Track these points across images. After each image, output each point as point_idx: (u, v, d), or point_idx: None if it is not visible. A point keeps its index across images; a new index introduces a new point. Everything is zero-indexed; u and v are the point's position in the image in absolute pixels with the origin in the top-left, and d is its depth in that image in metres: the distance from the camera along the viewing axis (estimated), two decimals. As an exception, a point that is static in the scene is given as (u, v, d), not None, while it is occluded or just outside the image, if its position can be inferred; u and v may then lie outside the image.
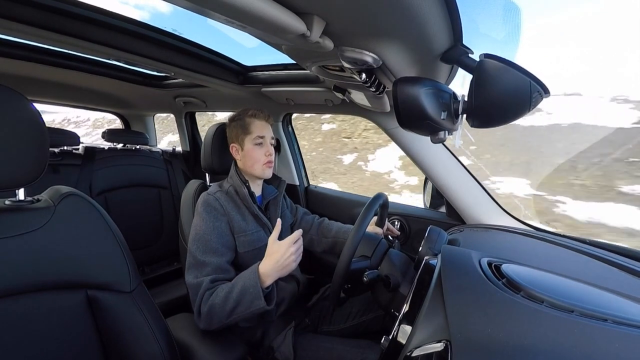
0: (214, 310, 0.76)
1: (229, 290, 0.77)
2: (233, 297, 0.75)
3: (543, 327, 0.39)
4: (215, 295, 0.77)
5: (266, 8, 0.47)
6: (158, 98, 1.93)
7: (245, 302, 0.75)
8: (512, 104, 0.51)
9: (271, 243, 0.79)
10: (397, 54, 0.63)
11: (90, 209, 0.63)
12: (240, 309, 0.75)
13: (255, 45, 1.08)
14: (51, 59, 1.29)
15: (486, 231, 0.97)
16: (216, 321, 0.77)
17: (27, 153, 0.53)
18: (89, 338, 0.61)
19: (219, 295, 0.77)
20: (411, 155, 1.12)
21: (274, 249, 0.78)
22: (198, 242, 0.86)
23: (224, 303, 0.75)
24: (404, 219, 1.28)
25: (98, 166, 1.65)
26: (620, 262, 0.69)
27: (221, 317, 0.76)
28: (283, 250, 0.76)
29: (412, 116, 0.58)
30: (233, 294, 0.76)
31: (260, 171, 0.98)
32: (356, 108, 1.18)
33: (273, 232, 0.80)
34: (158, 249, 1.81)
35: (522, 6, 0.58)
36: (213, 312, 0.76)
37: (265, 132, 0.98)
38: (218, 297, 0.77)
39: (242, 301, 0.75)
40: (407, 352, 0.46)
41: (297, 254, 0.77)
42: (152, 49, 1.01)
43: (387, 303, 0.72)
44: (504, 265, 0.53)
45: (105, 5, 0.84)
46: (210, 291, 0.79)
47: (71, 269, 0.58)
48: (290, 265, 0.76)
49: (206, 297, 0.78)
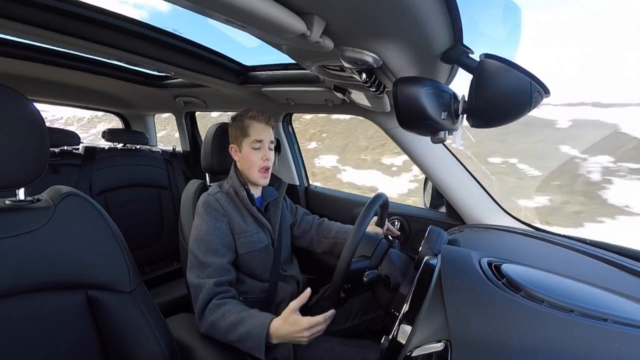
0: (215, 330, 0.77)
1: (235, 323, 0.75)
2: (236, 334, 0.74)
3: (543, 327, 0.39)
4: (221, 316, 0.77)
5: (266, 8, 0.47)
6: (158, 98, 1.93)
7: (245, 344, 0.74)
8: (512, 104, 0.52)
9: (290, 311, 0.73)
10: (397, 54, 0.63)
11: (90, 209, 0.63)
12: (239, 345, 0.75)
13: (255, 45, 1.09)
14: (51, 59, 1.28)
15: (486, 231, 0.97)
16: (216, 337, 0.79)
17: (27, 153, 0.53)
18: (89, 338, 0.61)
19: (225, 320, 0.76)
20: (411, 155, 1.12)
21: (292, 320, 0.72)
22: (199, 243, 0.86)
23: (226, 332, 0.76)
24: (404, 219, 1.28)
25: (98, 166, 1.65)
26: (620, 262, 0.69)
27: (221, 338, 0.78)
28: (299, 329, 0.71)
29: (412, 116, 0.58)
30: (237, 330, 0.75)
31: (256, 177, 0.97)
32: (356, 108, 1.18)
33: (297, 300, 0.74)
34: (158, 249, 1.81)
35: (522, 6, 0.58)
36: (214, 330, 0.78)
37: (263, 135, 0.96)
38: (223, 321, 0.76)
39: (244, 342, 0.74)
40: (407, 352, 0.46)
41: (310, 337, 0.72)
42: (152, 49, 1.01)
43: (387, 303, 0.72)
44: (504, 265, 0.53)
45: (105, 5, 0.84)
46: (217, 302, 0.79)
47: (71, 269, 0.58)
48: (303, 341, 0.72)
49: (212, 307, 0.78)
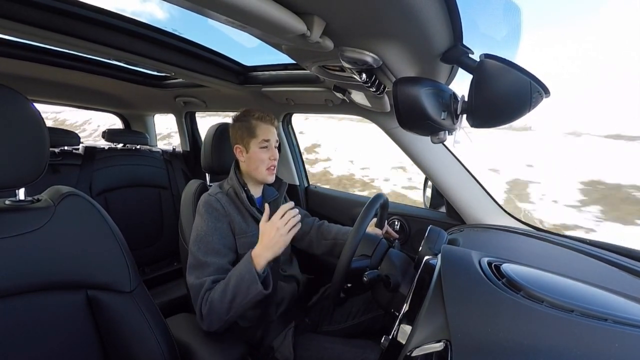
0: (213, 307, 0.76)
1: (226, 282, 0.77)
2: (230, 289, 0.75)
3: (543, 327, 0.39)
4: (213, 291, 0.78)
5: (266, 8, 0.47)
6: (158, 98, 1.93)
7: (242, 291, 0.75)
8: (512, 104, 0.52)
9: (261, 225, 0.80)
10: (397, 54, 0.63)
11: (90, 209, 0.63)
12: (238, 299, 0.75)
13: (255, 45, 1.08)
14: (51, 59, 1.28)
15: (486, 231, 0.97)
16: (216, 319, 0.77)
17: (27, 153, 0.53)
18: (89, 338, 0.61)
19: (217, 290, 0.77)
20: (411, 155, 1.12)
21: (263, 229, 0.79)
22: (200, 243, 0.86)
23: (222, 297, 0.75)
24: (404, 219, 1.28)
25: (98, 166, 1.65)
26: (620, 262, 0.69)
27: (221, 313, 0.76)
28: (270, 226, 0.77)
29: (412, 116, 0.58)
30: (230, 285, 0.76)
31: (263, 176, 0.98)
32: (356, 108, 1.18)
33: (263, 216, 0.82)
34: (158, 249, 1.81)
35: (522, 6, 0.58)
36: (212, 309, 0.76)
37: (270, 135, 0.98)
38: (216, 292, 0.77)
39: (240, 290, 0.75)
40: (407, 352, 0.46)
41: (285, 228, 0.77)
42: (152, 49, 1.01)
43: (387, 303, 0.72)
44: (504, 265, 0.53)
45: (105, 5, 0.84)
46: (210, 291, 0.79)
47: (71, 269, 0.58)
48: (281, 241, 0.76)
49: (207, 296, 0.78)
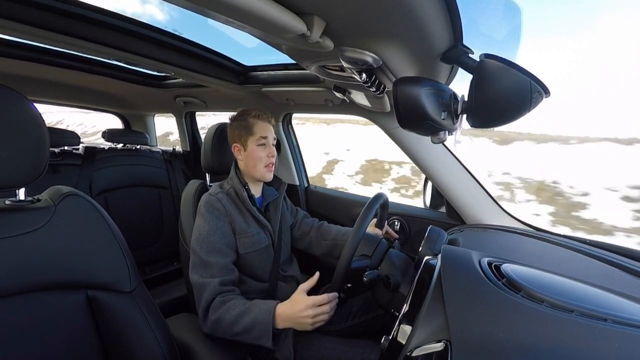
0: (220, 325, 0.77)
1: (240, 313, 0.76)
2: (242, 324, 0.75)
3: (543, 327, 0.39)
4: (225, 310, 0.77)
5: (266, 8, 0.47)
6: (158, 98, 1.93)
7: (252, 334, 0.74)
8: (512, 104, 0.51)
9: (298, 292, 0.76)
10: (397, 54, 0.63)
11: (90, 209, 0.63)
12: (245, 337, 0.75)
13: (255, 45, 1.08)
14: (51, 59, 1.28)
15: (486, 231, 0.97)
16: (220, 333, 0.78)
17: (28, 153, 0.53)
18: (89, 338, 0.61)
19: (230, 313, 0.76)
20: (411, 155, 1.12)
21: (297, 299, 0.75)
22: (202, 243, 0.86)
23: (231, 324, 0.75)
24: (404, 219, 1.28)
25: (98, 166, 1.65)
26: (620, 262, 0.69)
27: (225, 333, 0.77)
28: (302, 307, 0.72)
29: (412, 116, 0.58)
30: (243, 320, 0.75)
31: (262, 173, 0.98)
32: (356, 108, 1.18)
33: (306, 282, 0.77)
34: (158, 249, 1.81)
35: (522, 6, 0.58)
36: (219, 326, 0.77)
37: (267, 132, 0.98)
38: (228, 314, 0.76)
39: (250, 332, 0.74)
40: (407, 352, 0.46)
41: (315, 319, 0.72)
42: (152, 49, 1.01)
43: (387, 303, 0.72)
44: (504, 265, 0.53)
45: (105, 5, 0.84)
46: (222, 299, 0.79)
47: (71, 269, 0.58)
48: (305, 324, 0.73)
49: (216, 304, 0.78)
